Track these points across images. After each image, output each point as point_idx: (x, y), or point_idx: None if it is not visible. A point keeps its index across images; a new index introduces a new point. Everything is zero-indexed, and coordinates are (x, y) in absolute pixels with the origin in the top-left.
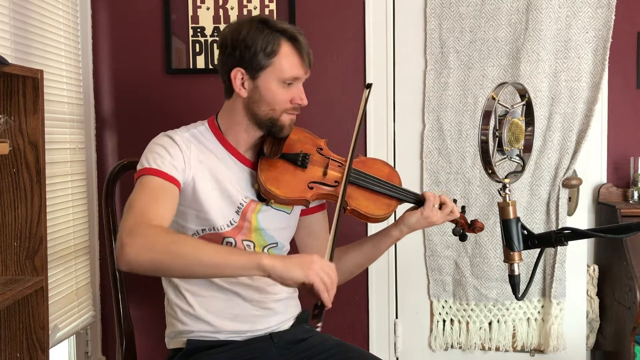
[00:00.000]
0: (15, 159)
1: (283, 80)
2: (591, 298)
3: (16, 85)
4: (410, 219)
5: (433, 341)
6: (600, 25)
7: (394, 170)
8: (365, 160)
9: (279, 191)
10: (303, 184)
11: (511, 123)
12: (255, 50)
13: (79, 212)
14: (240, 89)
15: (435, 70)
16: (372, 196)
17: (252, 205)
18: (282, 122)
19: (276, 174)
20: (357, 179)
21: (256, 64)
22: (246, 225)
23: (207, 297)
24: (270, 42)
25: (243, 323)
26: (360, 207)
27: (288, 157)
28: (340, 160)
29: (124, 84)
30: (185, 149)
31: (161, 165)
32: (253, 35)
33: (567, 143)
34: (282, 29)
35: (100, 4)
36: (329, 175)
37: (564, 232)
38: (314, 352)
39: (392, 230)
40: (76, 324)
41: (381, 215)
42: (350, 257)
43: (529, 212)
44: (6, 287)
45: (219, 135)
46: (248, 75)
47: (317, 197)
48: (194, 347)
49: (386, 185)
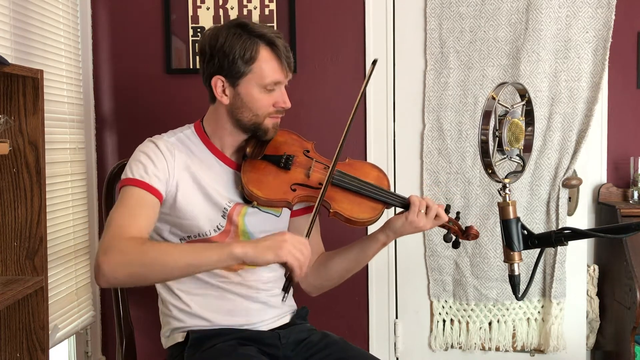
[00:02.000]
0: (15, 159)
1: (264, 86)
2: (591, 298)
3: (16, 85)
4: (395, 224)
5: (433, 341)
6: (600, 25)
7: (383, 173)
8: (353, 163)
9: (261, 193)
10: (285, 186)
11: (511, 123)
12: (234, 57)
13: (79, 212)
14: (222, 96)
15: (435, 70)
16: (356, 199)
17: (237, 208)
18: (265, 125)
19: (259, 176)
20: (341, 180)
21: (235, 72)
22: (233, 229)
23: (201, 295)
24: (248, 48)
25: (238, 317)
26: (344, 211)
27: (271, 158)
28: (325, 163)
29: (124, 84)
30: (169, 157)
31: (144, 176)
32: (231, 43)
33: (567, 143)
34: (260, 34)
35: (100, 4)
36: (312, 177)
37: (564, 232)
38: (315, 351)
39: (379, 234)
40: (76, 324)
41: (365, 218)
42: (337, 261)
43: (529, 212)
44: (6, 287)
45: (205, 139)
46: (228, 83)
47: (300, 199)
48: (198, 337)
49: (371, 188)
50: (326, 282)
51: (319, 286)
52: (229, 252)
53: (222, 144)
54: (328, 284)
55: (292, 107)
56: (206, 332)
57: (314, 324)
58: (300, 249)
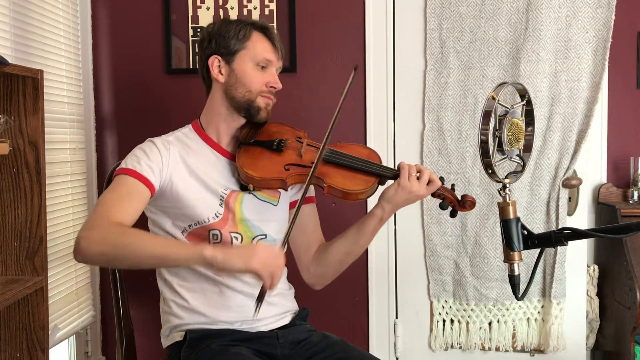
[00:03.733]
0: (15, 159)
1: (257, 63)
2: (591, 298)
3: (16, 85)
4: (388, 192)
5: (433, 341)
6: (600, 25)
7: (374, 151)
8: (344, 145)
9: (255, 173)
10: (279, 166)
11: (511, 123)
12: (229, 36)
13: (79, 212)
14: (218, 74)
15: (435, 70)
16: (348, 173)
17: (233, 195)
18: (258, 104)
19: (253, 159)
20: (332, 156)
21: (231, 48)
22: (231, 217)
23: (200, 291)
24: (242, 29)
25: (237, 313)
26: (337, 184)
27: (264, 143)
28: (317, 145)
29: (124, 84)
30: (164, 151)
31: (136, 166)
32: (226, 27)
33: (567, 143)
34: (252, 22)
35: (100, 4)
36: (304, 157)
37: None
38: (315, 351)
39: (375, 209)
40: (76, 324)
41: (359, 189)
42: (336, 245)
43: (529, 212)
44: (6, 287)
45: (201, 132)
46: (224, 61)
47: (294, 179)
48: (196, 337)
49: (362, 162)
50: (327, 269)
51: (320, 274)
52: (199, 253)
53: (218, 134)
54: (329, 270)
55: (292, 106)
56: (204, 332)
57: (314, 325)
58: (273, 260)
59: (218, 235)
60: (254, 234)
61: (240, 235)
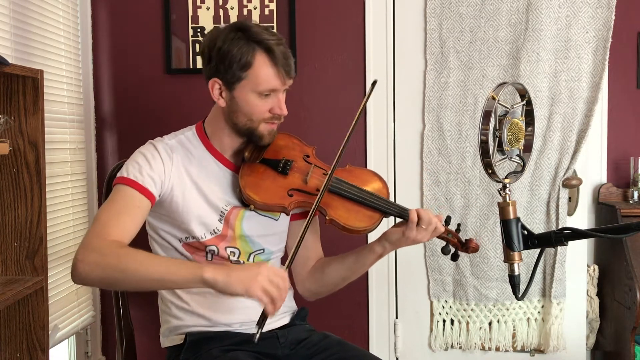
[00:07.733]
0: (15, 159)
1: (259, 93)
2: (591, 298)
3: (16, 85)
4: (392, 236)
5: (433, 341)
6: (600, 25)
7: (383, 181)
8: (353, 170)
9: (257, 197)
10: (283, 191)
11: (511, 123)
12: (230, 62)
13: (79, 212)
14: (219, 98)
15: (435, 70)
16: (353, 207)
17: (234, 212)
18: (260, 131)
19: (256, 180)
20: (339, 188)
21: (231, 76)
22: (230, 234)
23: (200, 293)
24: (244, 53)
25: (237, 314)
26: (340, 218)
27: (270, 162)
28: (325, 168)
29: (124, 84)
30: (167, 160)
31: (137, 176)
32: (228, 47)
33: (567, 143)
34: (259, 40)
35: (100, 4)
36: (310, 183)
37: (564, 232)
38: (315, 351)
39: (375, 245)
40: (76, 324)
41: (361, 227)
42: (333, 268)
43: (529, 212)
44: (6, 287)
45: (205, 141)
46: (225, 87)
47: (296, 205)
48: (195, 340)
49: (369, 197)
50: (322, 289)
51: (314, 291)
52: (200, 275)
53: (222, 146)
54: (324, 290)
55: (293, 107)
56: (204, 335)
57: (313, 324)
58: (277, 283)
59: (215, 250)
60: (252, 249)
61: (237, 250)
